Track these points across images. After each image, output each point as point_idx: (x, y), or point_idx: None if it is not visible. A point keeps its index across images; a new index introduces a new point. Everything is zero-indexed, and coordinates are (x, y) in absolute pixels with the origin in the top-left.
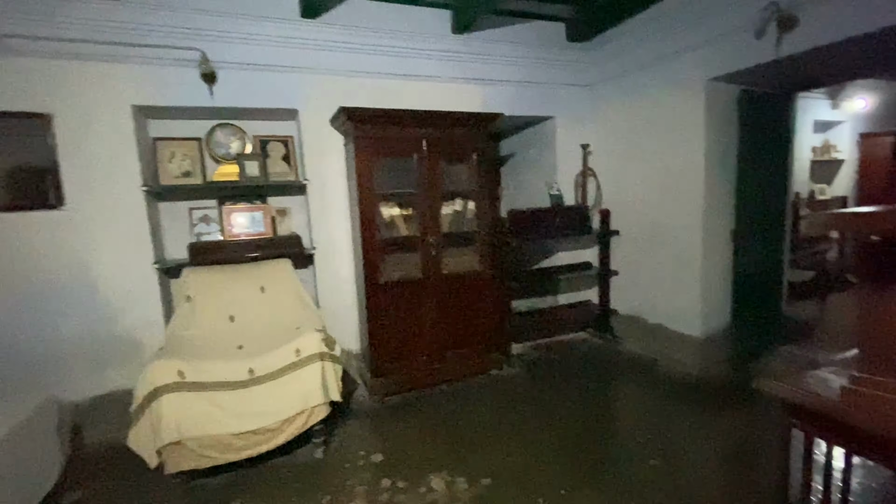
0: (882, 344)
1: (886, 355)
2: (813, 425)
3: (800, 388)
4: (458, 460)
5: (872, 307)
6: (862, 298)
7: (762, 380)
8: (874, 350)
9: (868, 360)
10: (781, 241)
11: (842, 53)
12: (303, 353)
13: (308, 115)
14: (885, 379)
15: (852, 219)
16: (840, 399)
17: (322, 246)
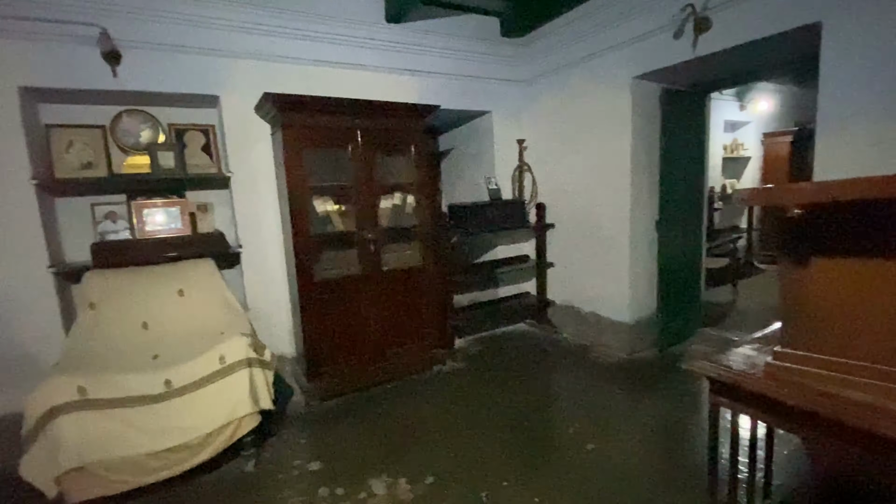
0: (803, 318)
1: (807, 329)
2: (738, 402)
3: (726, 368)
4: (399, 461)
5: (794, 282)
6: (783, 274)
7: (691, 361)
8: (795, 324)
9: (790, 335)
10: (699, 231)
11: (749, 54)
12: (228, 360)
13: (230, 102)
14: (805, 353)
15: (777, 192)
16: (764, 375)
17: (250, 244)
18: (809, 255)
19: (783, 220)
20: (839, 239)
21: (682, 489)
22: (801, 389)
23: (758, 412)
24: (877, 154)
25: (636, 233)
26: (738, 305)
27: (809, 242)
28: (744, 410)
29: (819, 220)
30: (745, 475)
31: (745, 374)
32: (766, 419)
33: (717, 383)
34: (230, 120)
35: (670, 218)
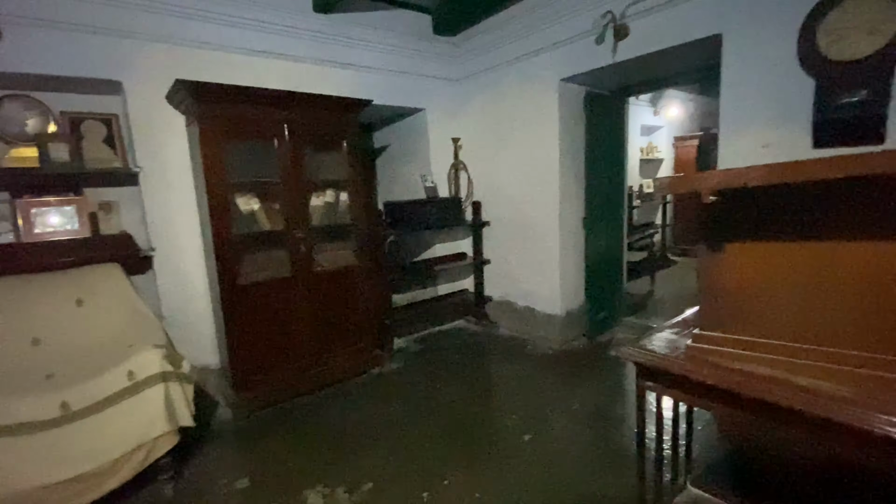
0: (718, 300)
1: (722, 311)
2: (663, 384)
3: (651, 353)
4: (337, 470)
5: (709, 267)
6: (701, 259)
7: (619, 348)
8: (712, 307)
9: (707, 317)
10: (620, 227)
11: (662, 62)
12: (138, 376)
13: (136, 88)
14: (721, 334)
15: (694, 179)
16: (685, 357)
17: (164, 246)
18: (723, 241)
19: (699, 208)
20: (749, 224)
21: (614, 470)
22: (718, 369)
23: (680, 393)
24: (768, 155)
25: (565, 229)
26: (656, 295)
27: (723, 228)
28: (667, 392)
29: (732, 206)
30: (669, 452)
31: (668, 357)
32: (687, 399)
33: (643, 368)
34: (137, 109)
35: (595, 215)
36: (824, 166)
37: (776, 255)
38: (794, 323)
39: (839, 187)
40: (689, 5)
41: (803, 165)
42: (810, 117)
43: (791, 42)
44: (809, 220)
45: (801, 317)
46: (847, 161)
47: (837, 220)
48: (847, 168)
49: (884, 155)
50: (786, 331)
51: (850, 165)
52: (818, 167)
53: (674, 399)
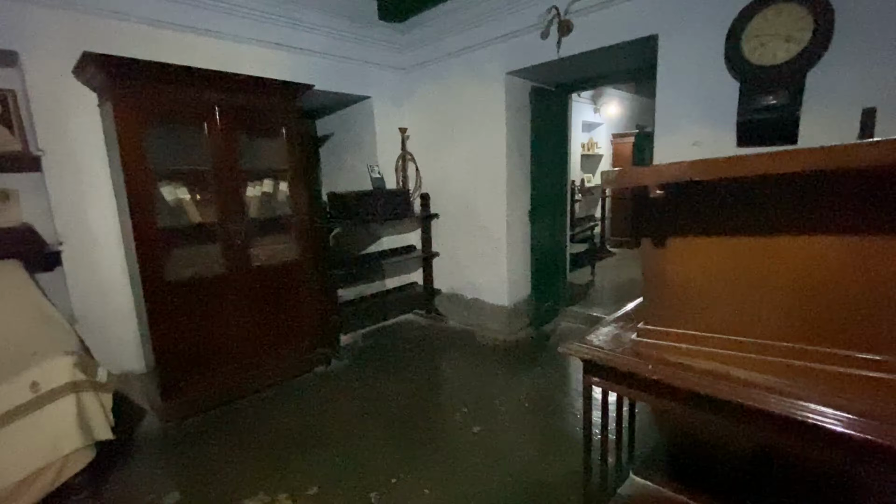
0: (662, 295)
1: (666, 305)
2: (609, 380)
3: (597, 349)
4: (279, 476)
5: (653, 261)
6: (645, 254)
7: (565, 345)
8: (656, 301)
9: (651, 312)
10: (564, 220)
11: (603, 59)
12: (44, 387)
13: (37, 61)
14: (665, 328)
15: (641, 173)
16: (630, 352)
17: (75, 240)
18: (666, 236)
19: (644, 203)
20: (691, 219)
21: (560, 458)
22: (662, 364)
23: (626, 388)
24: (697, 152)
25: (512, 222)
26: (596, 284)
27: (666, 224)
28: (613, 388)
29: (676, 200)
30: (614, 442)
31: (614, 354)
32: (633, 394)
33: (589, 363)
34: (38, 84)
35: (540, 208)
36: (766, 161)
37: (717, 250)
38: (734, 316)
39: (779, 184)
40: (629, 5)
41: (746, 161)
42: (735, 117)
43: (720, 45)
44: (750, 215)
45: (740, 310)
46: (789, 156)
47: (777, 216)
48: (787, 163)
49: (820, 151)
50: (726, 324)
51: (791, 161)
52: (760, 162)
53: (619, 394)
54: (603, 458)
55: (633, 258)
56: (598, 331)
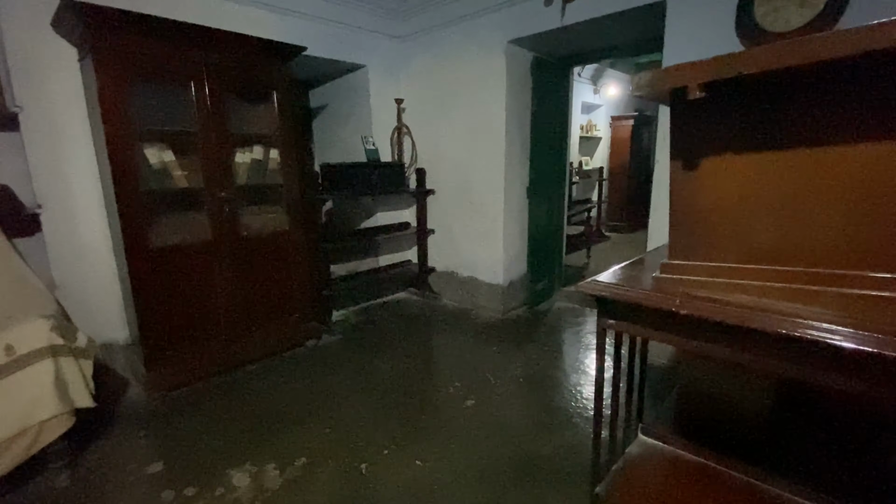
0: (691, 225)
1: (695, 237)
2: (627, 321)
3: (616, 286)
4: (266, 447)
5: (683, 187)
6: (673, 180)
7: (580, 284)
8: (684, 233)
9: (678, 245)
10: (562, 199)
11: (607, 28)
12: (19, 351)
13: (12, 10)
14: (693, 262)
15: (680, 70)
16: (652, 288)
17: (54, 203)
18: (700, 155)
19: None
20: (731, 131)
21: (553, 430)
22: (692, 299)
23: (646, 328)
24: None
25: (510, 199)
26: (591, 267)
27: (701, 139)
28: (631, 329)
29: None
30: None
31: (637, 290)
32: (655, 335)
33: (606, 305)
34: (15, 36)
35: (539, 185)
36: (838, 41)
37: (760, 168)
38: (776, 244)
39: (839, 78)
40: None
41: (810, 43)
42: None
43: (731, 10)
44: (801, 122)
45: (782, 236)
46: (867, 34)
47: (833, 119)
48: (867, 41)
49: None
50: (766, 253)
51: (870, 38)
52: (829, 43)
53: (638, 337)
54: (613, 415)
55: (628, 243)
56: (610, 273)
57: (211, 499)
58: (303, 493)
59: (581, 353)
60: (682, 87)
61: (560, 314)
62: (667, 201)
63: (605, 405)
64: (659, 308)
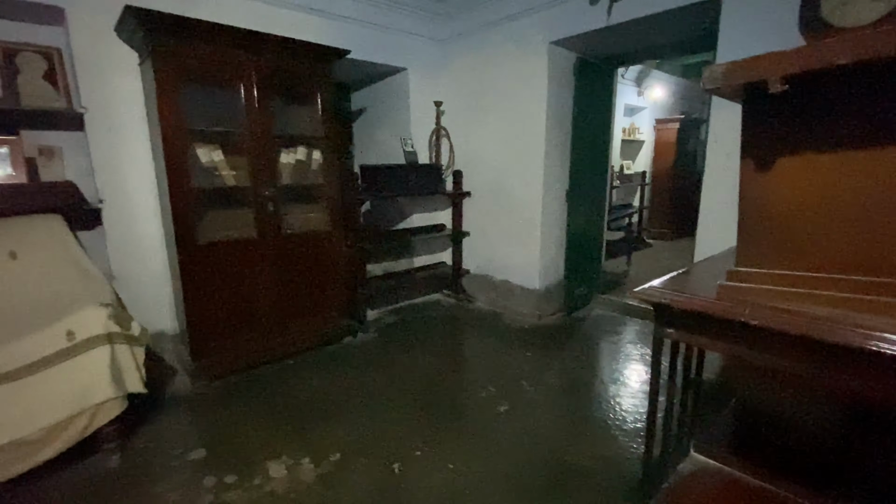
0: (763, 232)
1: (767, 244)
2: (687, 330)
3: (677, 292)
4: (302, 440)
5: (755, 191)
6: (744, 183)
7: (634, 290)
8: (754, 240)
9: (747, 252)
10: (603, 204)
11: (656, 27)
12: (79, 336)
13: (81, 17)
14: (764, 270)
15: (761, 61)
16: (717, 297)
17: (114, 199)
18: (776, 155)
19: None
20: (815, 128)
21: (590, 441)
22: (763, 310)
23: (712, 340)
24: None
25: (548, 202)
26: (632, 275)
27: (778, 137)
28: (693, 340)
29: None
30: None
31: (704, 298)
32: (719, 347)
33: (664, 313)
34: (82, 42)
35: (579, 189)
36: None
37: (843, 169)
38: (858, 252)
39: None
40: None
41: None
42: None
43: (791, 7)
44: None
45: (867, 244)
46: None
47: None
48: None
49: None
50: (847, 262)
51: None
52: None
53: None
54: (665, 430)
55: (670, 251)
56: (660, 281)
57: (249, 487)
58: (336, 489)
59: (620, 364)
60: (760, 80)
61: (598, 322)
62: (717, 207)
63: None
64: (726, 318)
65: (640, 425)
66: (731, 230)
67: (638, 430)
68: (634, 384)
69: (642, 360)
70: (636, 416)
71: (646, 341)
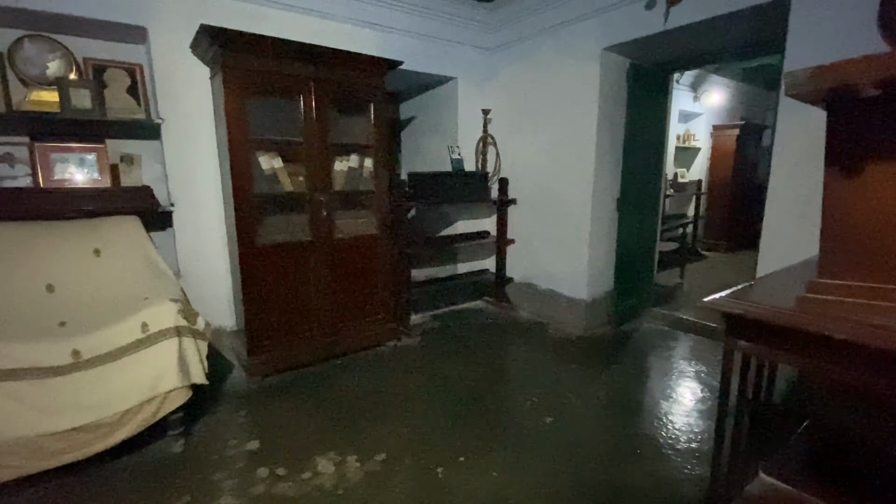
0: (850, 241)
1: (854, 254)
2: (763, 343)
3: (753, 302)
4: (349, 439)
5: (841, 197)
6: (828, 190)
7: (705, 299)
8: (840, 249)
9: (832, 262)
10: (656, 214)
11: (717, 31)
12: (152, 328)
13: (161, 36)
14: (850, 282)
15: (851, 65)
16: (798, 308)
17: (183, 202)
18: (864, 162)
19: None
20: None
21: (640, 459)
22: (847, 323)
23: (787, 353)
24: None
25: (597, 211)
26: (685, 288)
27: (868, 143)
28: (767, 353)
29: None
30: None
31: (780, 309)
32: (795, 361)
33: (738, 321)
34: (161, 58)
35: (630, 198)
36: None
37: None
38: None
39: None
40: None
41: None
42: None
43: (869, 6)
44: None
45: None
46: None
47: None
48: None
49: None
50: None
51: None
52: None
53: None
54: (733, 449)
55: (727, 264)
56: (726, 293)
57: (299, 481)
58: (381, 488)
59: (672, 380)
60: (850, 85)
61: (648, 336)
62: (783, 219)
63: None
64: (808, 331)
65: (696, 445)
66: (799, 243)
67: (692, 450)
68: (688, 402)
69: (697, 378)
70: (690, 435)
71: (700, 358)
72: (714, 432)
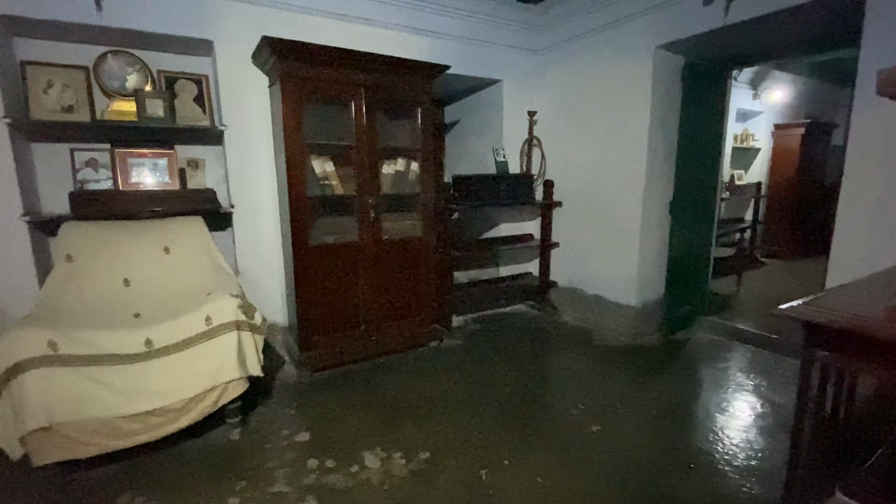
0: None
1: None
2: (847, 354)
3: (835, 312)
4: (394, 435)
5: None
6: None
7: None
8: None
9: None
10: (711, 219)
11: (783, 24)
12: (215, 322)
13: (225, 48)
14: None
15: None
16: (887, 318)
17: (242, 204)
18: None
19: None
20: None
21: (693, 474)
22: None
23: (871, 365)
24: None
25: (648, 215)
26: (742, 296)
27: None
28: (849, 364)
29: None
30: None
31: (869, 318)
32: (881, 373)
33: (819, 331)
34: (225, 69)
35: (683, 201)
36: None
37: None
38: None
39: None
40: None
41: None
42: None
43: None
44: None
45: None
46: None
47: None
48: None
49: None
50: None
51: None
52: None
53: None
54: (810, 465)
55: (788, 272)
56: (798, 301)
57: (347, 473)
58: (426, 486)
59: (728, 393)
60: None
61: (701, 346)
62: (858, 224)
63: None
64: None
65: (755, 463)
66: (874, 251)
67: (752, 468)
68: (746, 416)
69: (756, 392)
70: (749, 452)
71: (759, 370)
72: (790, 445)
